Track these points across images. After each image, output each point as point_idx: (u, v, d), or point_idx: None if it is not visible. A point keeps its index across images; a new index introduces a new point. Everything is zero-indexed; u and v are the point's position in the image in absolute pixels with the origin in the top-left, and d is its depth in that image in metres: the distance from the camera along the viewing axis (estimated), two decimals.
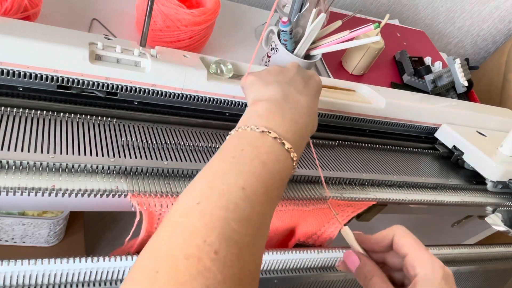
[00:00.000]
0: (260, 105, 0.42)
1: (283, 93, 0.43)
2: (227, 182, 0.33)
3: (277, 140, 0.38)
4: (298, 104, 0.43)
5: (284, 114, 0.41)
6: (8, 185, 0.36)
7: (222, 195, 0.32)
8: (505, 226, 0.66)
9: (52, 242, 0.79)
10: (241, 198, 0.32)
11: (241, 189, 0.33)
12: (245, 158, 0.36)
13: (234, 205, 0.31)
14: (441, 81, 0.92)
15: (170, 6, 0.64)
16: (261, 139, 0.38)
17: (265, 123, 0.39)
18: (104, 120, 0.47)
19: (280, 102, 0.42)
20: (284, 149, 0.38)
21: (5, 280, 0.37)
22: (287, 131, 0.39)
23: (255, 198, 0.33)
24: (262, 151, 0.37)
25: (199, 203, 0.31)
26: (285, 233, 0.56)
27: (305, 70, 0.50)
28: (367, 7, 1.19)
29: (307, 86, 0.46)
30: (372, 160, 0.61)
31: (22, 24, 0.48)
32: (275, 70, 0.48)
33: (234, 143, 0.38)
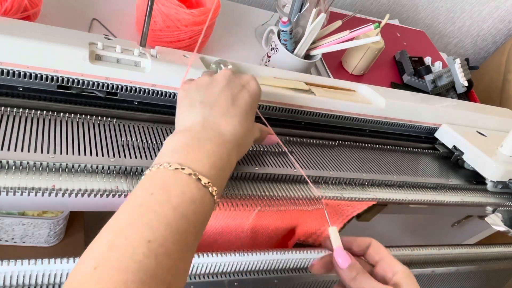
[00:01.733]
0: (176, 138, 0.39)
1: (203, 121, 0.41)
2: (131, 237, 0.30)
3: (192, 177, 0.35)
4: (218, 133, 0.40)
5: (201, 146, 0.38)
6: (8, 185, 0.36)
7: (123, 255, 0.29)
8: (505, 226, 0.66)
9: (52, 242, 0.79)
10: (145, 255, 0.29)
11: (146, 243, 0.30)
12: (153, 205, 0.33)
13: (137, 264, 0.29)
14: (441, 81, 0.92)
15: (170, 6, 0.64)
16: (174, 177, 0.35)
17: (179, 159, 0.36)
18: (104, 120, 0.47)
19: (197, 133, 0.39)
20: (201, 185, 0.35)
21: (5, 280, 0.37)
22: (203, 165, 0.36)
23: (163, 250, 0.30)
24: (173, 193, 0.34)
25: (96, 267, 0.28)
26: (285, 233, 0.56)
27: (239, 77, 0.46)
28: (367, 7, 1.19)
29: (235, 104, 0.43)
30: (372, 160, 0.61)
31: (22, 24, 0.48)
32: (203, 84, 0.44)
33: (145, 187, 0.35)
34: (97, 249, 0.30)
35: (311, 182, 0.52)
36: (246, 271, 0.49)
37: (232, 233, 0.50)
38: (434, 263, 0.63)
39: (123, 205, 0.34)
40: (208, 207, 0.36)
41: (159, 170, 0.36)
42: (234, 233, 0.50)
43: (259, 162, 0.50)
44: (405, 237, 1.01)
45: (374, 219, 0.59)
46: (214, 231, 0.49)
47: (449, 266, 0.64)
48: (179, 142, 0.39)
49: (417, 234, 1.00)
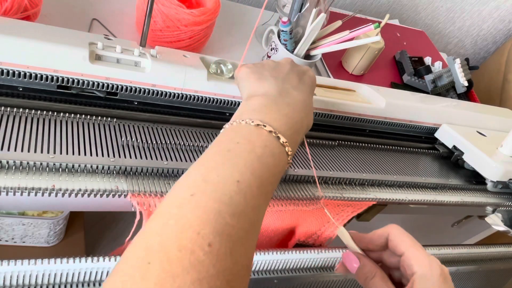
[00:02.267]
0: (255, 100, 0.42)
1: (278, 89, 0.43)
2: (222, 175, 0.33)
3: (272, 134, 0.38)
4: (293, 100, 0.43)
5: (279, 109, 0.41)
6: (8, 185, 0.36)
7: (217, 188, 0.32)
8: (505, 226, 0.66)
9: (52, 242, 0.79)
10: (235, 192, 0.32)
11: (235, 182, 0.32)
12: (240, 151, 0.35)
13: (228, 198, 0.31)
14: (441, 81, 0.92)
15: (170, 6, 0.64)
16: (256, 132, 0.37)
17: (260, 117, 0.39)
18: (104, 120, 0.47)
19: (275, 97, 0.42)
20: (279, 143, 0.38)
21: (5, 280, 0.37)
22: (282, 126, 0.39)
23: (249, 191, 0.33)
24: (257, 144, 0.36)
25: (193, 194, 0.31)
26: (285, 233, 0.56)
27: (299, 65, 0.50)
28: (367, 7, 1.19)
29: (302, 82, 0.46)
30: (372, 160, 0.61)
31: (22, 24, 0.48)
32: (269, 64, 0.47)
33: (229, 136, 0.37)
34: (192, 180, 0.33)
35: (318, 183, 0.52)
36: None
37: None
38: None
39: (210, 149, 0.36)
40: (283, 164, 0.38)
41: (241, 125, 0.38)
42: None
43: None
44: None
45: (374, 219, 0.59)
46: None
47: (449, 266, 0.64)
48: (258, 103, 0.41)
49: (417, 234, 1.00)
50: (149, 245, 0.28)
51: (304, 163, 0.54)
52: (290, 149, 0.38)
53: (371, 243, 0.41)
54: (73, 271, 0.39)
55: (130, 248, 0.28)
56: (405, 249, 0.38)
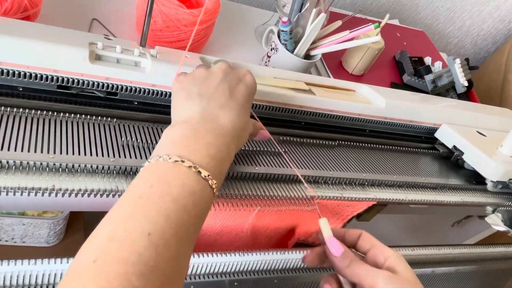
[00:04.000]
0: (175, 130, 0.39)
1: (202, 112, 0.40)
2: (130, 229, 0.30)
3: (192, 169, 0.35)
4: (217, 125, 0.40)
5: (200, 138, 0.38)
6: (8, 185, 0.36)
7: (123, 246, 0.29)
8: (505, 226, 0.66)
9: (52, 242, 0.79)
10: (145, 247, 0.29)
11: (146, 235, 0.30)
12: (153, 197, 0.32)
13: (136, 256, 0.28)
14: (441, 81, 0.92)
15: (170, 6, 0.64)
16: (173, 170, 0.35)
17: (179, 152, 0.36)
18: (104, 120, 0.47)
19: (196, 125, 0.39)
20: (201, 178, 0.35)
21: (5, 280, 0.37)
22: (203, 157, 0.36)
23: (163, 242, 0.30)
24: (173, 184, 0.34)
25: (95, 260, 0.28)
26: (285, 232, 0.56)
27: (235, 70, 0.46)
28: (367, 7, 1.19)
29: (233, 96, 0.43)
30: (372, 160, 0.61)
31: (22, 24, 0.48)
32: (200, 76, 0.44)
33: (144, 179, 0.35)
34: (96, 241, 0.30)
35: (305, 181, 0.52)
36: (246, 271, 0.49)
37: (232, 233, 0.50)
38: (434, 263, 0.63)
39: (122, 197, 0.34)
40: (207, 199, 0.36)
41: (158, 163, 0.36)
42: (234, 233, 0.50)
43: (259, 162, 0.50)
44: (405, 237, 1.01)
45: (374, 219, 0.59)
46: (214, 231, 0.49)
47: (449, 266, 0.64)
48: (178, 133, 0.38)
49: (417, 234, 1.00)
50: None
51: (305, 163, 0.54)
52: (215, 181, 0.36)
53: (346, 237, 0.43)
54: None
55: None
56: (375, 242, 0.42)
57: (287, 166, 0.52)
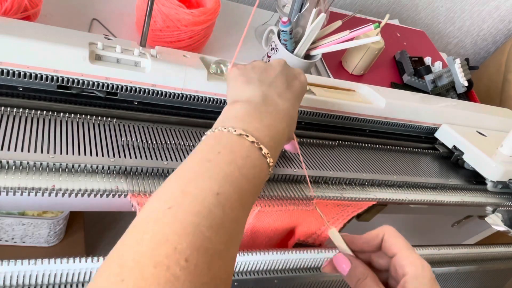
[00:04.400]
0: (239, 106, 0.41)
1: (263, 95, 0.42)
2: (201, 187, 0.32)
3: (255, 145, 0.37)
4: (276, 109, 0.42)
5: (262, 118, 0.40)
6: (8, 185, 0.36)
7: (195, 200, 0.31)
8: (505, 226, 0.66)
9: (52, 242, 0.79)
10: (214, 204, 0.31)
11: (215, 194, 0.32)
12: (220, 162, 0.35)
13: (207, 211, 0.30)
14: (441, 81, 0.92)
15: (170, 6, 0.64)
16: (238, 142, 0.37)
17: (243, 126, 0.38)
18: (104, 120, 0.47)
19: (259, 105, 0.41)
20: (261, 154, 0.37)
21: (5, 280, 0.37)
22: (264, 136, 0.38)
23: (229, 204, 0.32)
24: (238, 155, 0.36)
25: (170, 207, 0.30)
26: (285, 232, 0.56)
27: (291, 68, 0.49)
28: (367, 7, 1.19)
29: (289, 88, 0.45)
30: (372, 160, 0.61)
31: (22, 24, 0.48)
32: (259, 66, 0.46)
33: (211, 145, 0.37)
34: (170, 192, 0.32)
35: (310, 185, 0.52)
36: (246, 271, 0.49)
37: None
38: (434, 263, 0.63)
39: (190, 158, 0.36)
40: (264, 175, 0.38)
41: (223, 133, 0.37)
42: None
43: None
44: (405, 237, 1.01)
45: (374, 219, 0.59)
46: None
47: (449, 266, 0.64)
48: (242, 110, 0.40)
49: (417, 234, 1.00)
50: (123, 261, 0.27)
51: (305, 163, 0.54)
52: (272, 160, 0.38)
53: (366, 244, 0.40)
54: (73, 271, 0.39)
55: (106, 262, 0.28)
56: (398, 250, 0.38)
57: (287, 166, 0.52)
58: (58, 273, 0.39)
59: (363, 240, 0.41)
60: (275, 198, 0.48)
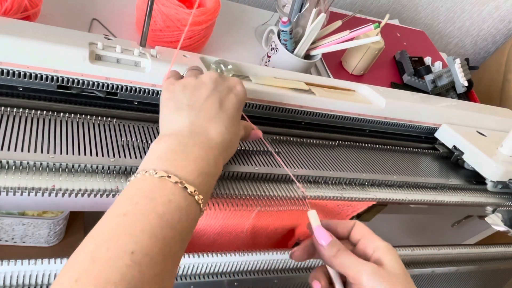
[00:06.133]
0: (163, 144, 0.39)
1: (190, 126, 0.40)
2: (113, 248, 0.29)
3: (178, 185, 0.35)
4: (207, 138, 0.40)
5: (187, 153, 0.38)
6: (8, 185, 0.36)
7: (105, 266, 0.28)
8: (505, 226, 0.66)
9: (52, 242, 0.80)
10: (128, 266, 0.29)
11: (129, 254, 0.29)
12: (138, 215, 0.32)
13: (119, 276, 0.28)
14: (441, 81, 0.92)
15: (170, 6, 0.64)
16: (160, 185, 0.34)
17: (165, 166, 0.36)
18: (104, 120, 0.47)
19: (184, 139, 0.39)
20: (187, 194, 0.35)
21: (5, 280, 0.37)
22: (191, 172, 0.36)
23: (147, 260, 0.30)
24: (159, 201, 0.33)
25: (77, 280, 0.28)
26: (285, 232, 0.56)
27: (225, 80, 0.45)
28: (367, 7, 1.19)
29: (222, 108, 0.43)
30: (372, 160, 0.61)
31: (22, 24, 0.48)
32: (190, 86, 0.43)
33: (129, 195, 0.34)
34: (79, 260, 0.30)
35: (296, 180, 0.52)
36: (246, 271, 0.49)
37: (232, 233, 0.50)
38: (434, 263, 0.63)
39: (106, 214, 0.33)
40: (193, 215, 0.36)
41: (144, 178, 0.35)
42: (234, 233, 0.50)
43: (260, 162, 0.50)
44: (405, 237, 1.01)
45: (374, 219, 0.59)
46: (214, 231, 0.49)
47: (449, 266, 0.64)
48: (165, 147, 0.38)
49: (417, 234, 1.00)
50: None
51: (305, 163, 0.54)
52: (201, 197, 0.36)
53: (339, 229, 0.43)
54: None
55: None
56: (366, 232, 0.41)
57: (287, 166, 0.52)
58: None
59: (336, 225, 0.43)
60: (275, 198, 0.48)
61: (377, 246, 0.40)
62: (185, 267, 0.45)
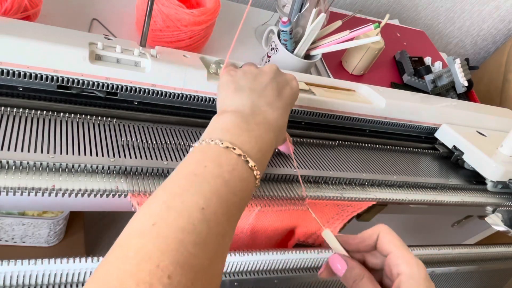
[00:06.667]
0: (227, 117, 0.41)
1: (252, 105, 0.42)
2: (186, 202, 0.32)
3: (241, 158, 0.37)
4: (265, 120, 0.42)
5: (250, 129, 0.40)
6: (8, 185, 0.36)
7: (180, 216, 0.31)
8: (505, 226, 0.66)
9: (52, 242, 0.80)
10: (199, 220, 0.31)
11: (200, 209, 0.32)
12: (207, 176, 0.35)
13: (192, 226, 0.30)
14: (441, 81, 0.92)
15: (170, 6, 0.64)
16: (225, 155, 0.37)
17: (230, 138, 0.38)
18: (104, 120, 0.47)
19: (247, 116, 0.41)
20: (248, 167, 0.37)
21: (5, 280, 0.37)
22: (252, 148, 0.38)
23: (214, 218, 0.32)
24: (225, 169, 0.36)
25: (154, 224, 0.30)
26: (285, 233, 0.56)
27: (284, 74, 0.48)
28: (367, 7, 1.19)
29: (280, 97, 0.45)
30: (372, 160, 0.61)
31: (22, 24, 0.48)
32: (251, 72, 0.46)
33: (197, 158, 0.37)
34: (155, 207, 0.32)
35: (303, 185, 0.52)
36: (246, 271, 0.49)
37: None
38: (434, 263, 0.63)
39: (177, 172, 0.35)
40: (251, 187, 0.38)
41: (210, 146, 0.37)
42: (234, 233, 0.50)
43: None
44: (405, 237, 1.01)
45: (374, 219, 0.59)
46: None
47: (449, 266, 0.64)
48: (230, 121, 0.40)
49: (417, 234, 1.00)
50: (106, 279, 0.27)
51: (305, 163, 0.54)
52: (259, 172, 0.38)
53: (361, 243, 0.40)
54: (73, 271, 0.39)
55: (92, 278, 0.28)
56: (393, 249, 0.38)
57: (287, 166, 0.52)
58: (58, 273, 0.39)
59: (358, 239, 0.40)
60: (275, 198, 0.48)
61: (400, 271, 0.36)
62: None
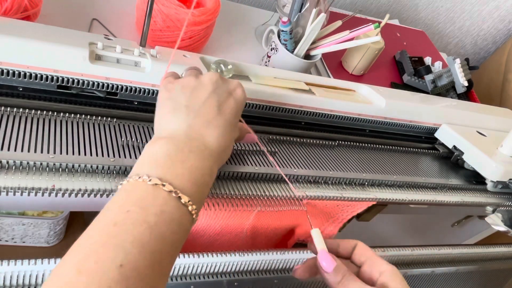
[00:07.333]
0: (158, 146, 0.37)
1: (187, 129, 0.39)
2: (101, 261, 0.28)
3: (173, 194, 0.33)
4: (202, 144, 0.39)
5: (183, 160, 0.36)
6: (8, 185, 0.36)
7: (92, 280, 0.27)
8: (505, 226, 0.66)
9: (52, 242, 0.80)
10: (115, 280, 0.27)
11: (117, 267, 0.28)
12: (128, 224, 0.31)
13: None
14: (441, 81, 0.92)
15: (170, 6, 0.64)
16: (153, 194, 0.33)
17: (159, 173, 0.34)
18: (104, 120, 0.47)
19: (181, 144, 0.37)
20: (181, 204, 0.34)
21: (5, 280, 0.37)
22: (186, 182, 0.35)
23: (135, 275, 0.29)
24: (151, 211, 0.32)
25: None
26: (284, 232, 0.56)
27: (225, 83, 0.44)
28: (367, 7, 1.19)
29: (221, 112, 0.41)
30: (372, 160, 0.61)
31: (22, 24, 0.48)
32: (189, 86, 0.42)
33: (120, 202, 0.33)
34: (66, 272, 0.29)
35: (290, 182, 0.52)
36: (245, 271, 0.49)
37: (232, 233, 0.50)
38: (434, 263, 0.63)
39: (96, 222, 0.32)
40: (186, 226, 0.34)
41: (137, 183, 0.34)
42: (234, 233, 0.50)
43: (259, 162, 0.50)
44: (405, 237, 1.01)
45: (374, 219, 0.59)
46: (214, 231, 0.49)
47: (449, 266, 0.64)
48: (161, 151, 0.37)
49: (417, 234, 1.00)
50: None
51: (305, 163, 0.54)
52: (195, 207, 0.35)
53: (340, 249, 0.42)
54: None
55: None
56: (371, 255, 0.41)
57: (287, 166, 0.52)
58: None
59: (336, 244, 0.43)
60: (275, 198, 0.48)
61: (383, 270, 0.39)
62: (185, 267, 0.45)
